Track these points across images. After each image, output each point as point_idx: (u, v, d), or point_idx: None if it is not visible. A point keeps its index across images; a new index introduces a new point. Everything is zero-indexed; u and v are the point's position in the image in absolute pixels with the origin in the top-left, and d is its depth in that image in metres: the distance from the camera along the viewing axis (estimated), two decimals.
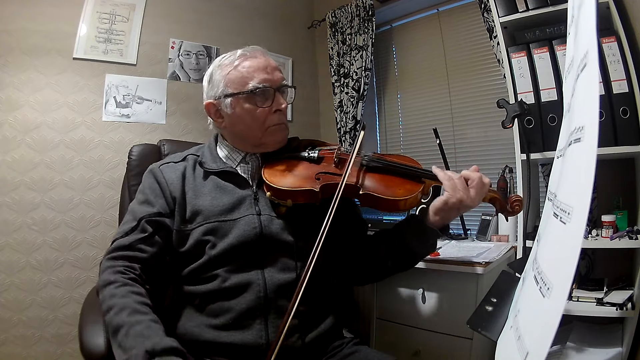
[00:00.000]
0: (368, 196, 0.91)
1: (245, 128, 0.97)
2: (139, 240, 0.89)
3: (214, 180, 0.96)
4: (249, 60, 0.96)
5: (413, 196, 0.91)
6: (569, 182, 0.56)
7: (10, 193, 1.64)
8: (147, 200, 0.94)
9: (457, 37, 2.07)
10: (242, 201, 0.94)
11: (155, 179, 0.97)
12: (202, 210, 0.92)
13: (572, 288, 1.23)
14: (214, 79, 0.98)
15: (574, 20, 0.71)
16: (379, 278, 1.10)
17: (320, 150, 1.01)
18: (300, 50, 2.51)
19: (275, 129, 0.98)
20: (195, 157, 1.01)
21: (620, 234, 1.16)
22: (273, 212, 0.94)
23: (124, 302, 0.78)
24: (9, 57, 1.64)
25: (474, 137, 2.01)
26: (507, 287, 0.92)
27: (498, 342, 0.78)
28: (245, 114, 0.95)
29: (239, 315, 0.85)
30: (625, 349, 1.05)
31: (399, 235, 0.97)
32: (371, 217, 1.81)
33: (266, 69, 0.96)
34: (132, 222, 0.91)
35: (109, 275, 0.83)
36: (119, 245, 0.88)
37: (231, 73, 0.95)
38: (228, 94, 0.95)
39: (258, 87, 0.93)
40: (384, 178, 0.95)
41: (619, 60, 1.15)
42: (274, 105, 0.95)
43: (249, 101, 0.94)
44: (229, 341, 0.84)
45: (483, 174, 0.91)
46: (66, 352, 1.68)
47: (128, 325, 0.74)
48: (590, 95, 0.50)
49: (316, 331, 0.90)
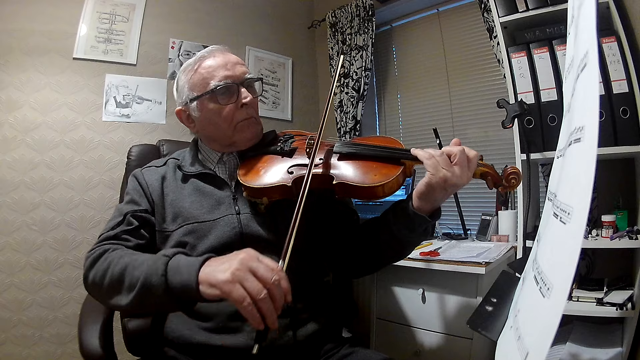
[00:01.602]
0: (342, 185, 0.84)
1: (215, 129, 0.96)
2: (125, 231, 0.89)
3: (193, 183, 0.96)
4: (208, 60, 0.95)
5: (392, 180, 0.82)
6: (569, 182, 0.56)
7: (10, 193, 1.64)
8: (133, 200, 0.95)
9: (457, 37, 2.08)
10: (221, 202, 0.93)
11: (137, 181, 0.98)
12: (182, 212, 0.92)
13: (572, 288, 1.23)
14: (179, 85, 0.98)
15: (574, 20, 0.71)
16: (375, 269, 1.06)
17: (294, 142, 0.98)
18: (300, 50, 2.51)
19: (244, 125, 0.96)
20: (175, 161, 1.01)
21: (620, 234, 1.16)
22: (253, 211, 0.93)
23: (120, 254, 0.79)
24: (9, 57, 1.64)
25: (474, 137, 2.01)
26: (507, 287, 0.92)
27: (498, 342, 0.78)
28: (212, 115, 0.94)
29: (227, 318, 0.84)
30: (625, 349, 1.05)
31: (385, 225, 0.91)
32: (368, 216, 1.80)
33: (226, 66, 0.94)
34: (117, 217, 0.92)
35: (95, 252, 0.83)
36: (104, 237, 0.88)
37: (193, 77, 0.95)
38: (193, 98, 0.95)
39: (219, 85, 0.92)
40: (358, 164, 0.87)
41: (619, 60, 1.15)
42: (238, 100, 0.94)
43: (213, 100, 0.93)
44: (220, 344, 0.84)
45: (468, 147, 0.82)
46: (66, 352, 1.68)
47: (132, 261, 0.76)
48: (590, 95, 0.50)
49: (308, 329, 0.89)
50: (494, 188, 0.86)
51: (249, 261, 0.66)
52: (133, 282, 0.73)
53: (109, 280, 0.77)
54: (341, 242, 1.00)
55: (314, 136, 0.94)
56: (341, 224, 1.02)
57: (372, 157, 0.87)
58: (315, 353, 0.91)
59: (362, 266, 1.02)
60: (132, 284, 0.73)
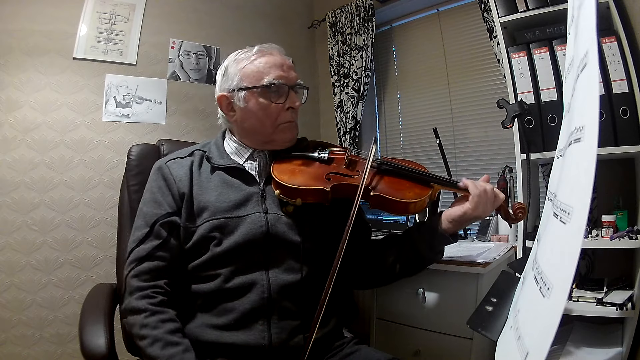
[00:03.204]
0: (378, 198, 0.91)
1: (257, 123, 0.96)
2: (156, 247, 0.88)
3: (220, 176, 0.95)
4: (266, 57, 0.97)
5: (422, 199, 0.92)
6: (569, 182, 0.56)
7: (10, 193, 1.64)
8: (155, 200, 0.93)
9: (457, 37, 2.07)
10: (248, 198, 0.93)
11: (162, 176, 0.96)
12: (208, 206, 0.91)
13: (572, 288, 1.23)
14: (228, 72, 0.98)
15: (574, 20, 0.71)
16: (384, 283, 1.09)
17: (330, 152, 1.01)
18: (300, 50, 2.51)
19: (286, 127, 0.97)
20: (202, 153, 1.00)
21: (620, 234, 1.16)
22: (280, 211, 0.93)
23: (156, 334, 0.81)
24: (9, 57, 1.64)
25: (474, 137, 2.00)
26: (507, 287, 0.92)
27: (498, 342, 0.78)
28: (258, 109, 0.95)
29: (241, 315, 0.85)
30: (625, 349, 1.05)
31: (409, 241, 0.97)
32: (370, 217, 1.81)
33: (282, 67, 0.96)
34: (144, 227, 0.90)
35: (137, 302, 0.84)
36: (137, 256, 0.87)
37: (247, 67, 0.95)
38: (242, 88, 0.95)
39: (273, 82, 0.93)
40: (394, 181, 0.96)
41: (619, 60, 1.15)
42: (287, 102, 0.95)
43: (263, 96, 0.94)
44: (231, 342, 0.84)
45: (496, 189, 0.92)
46: (66, 352, 1.68)
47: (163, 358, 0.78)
48: (590, 95, 0.50)
49: (320, 332, 0.90)
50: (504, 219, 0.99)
51: None
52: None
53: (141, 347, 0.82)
54: (358, 253, 1.01)
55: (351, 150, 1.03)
56: (360, 236, 1.04)
57: (406, 176, 0.97)
58: (322, 352, 0.92)
59: (376, 279, 1.05)
60: None
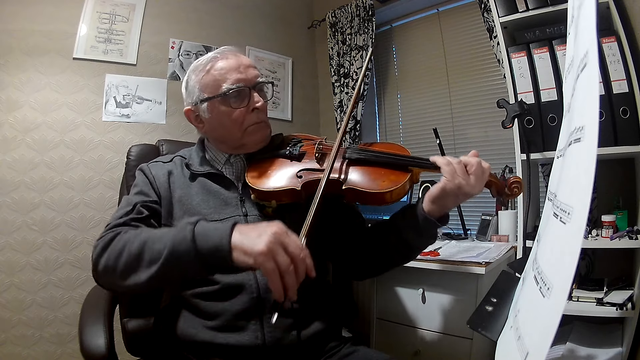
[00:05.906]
0: (351, 190, 0.87)
1: (224, 131, 0.96)
2: (134, 219, 0.87)
3: (201, 182, 0.96)
4: (221, 62, 0.94)
5: (399, 187, 0.85)
6: (569, 182, 0.56)
7: (10, 193, 1.64)
8: (141, 191, 0.95)
9: (457, 37, 2.07)
10: (228, 203, 0.94)
11: (144, 175, 0.98)
12: (190, 209, 0.92)
13: (572, 288, 1.23)
14: (189, 85, 0.98)
15: (574, 20, 0.71)
16: (379, 272, 1.07)
17: (302, 146, 0.99)
18: (300, 50, 2.51)
19: (254, 129, 0.96)
20: (182, 159, 1.01)
21: (620, 234, 1.16)
22: (260, 213, 0.93)
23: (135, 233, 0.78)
24: (9, 57, 1.64)
25: (474, 137, 2.01)
26: (507, 287, 0.92)
27: (498, 342, 0.78)
28: (223, 117, 0.94)
29: (233, 316, 0.85)
30: (625, 349, 1.05)
31: (394, 228, 0.93)
32: (370, 217, 1.81)
33: (239, 69, 0.94)
34: (126, 207, 0.90)
35: (106, 237, 0.80)
36: (113, 224, 0.86)
37: (204, 77, 0.94)
38: (204, 99, 0.94)
39: (232, 88, 0.92)
40: (367, 170, 0.90)
41: (619, 60, 1.15)
42: (250, 104, 0.94)
43: (225, 103, 0.93)
44: (225, 342, 0.84)
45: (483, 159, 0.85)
46: (66, 352, 1.68)
47: (151, 236, 0.75)
48: (590, 95, 0.50)
49: (312, 329, 0.90)
50: (497, 196, 0.91)
51: (281, 235, 0.68)
52: (154, 255, 0.73)
53: (126, 259, 0.76)
54: (347, 243, 1.00)
55: (323, 141, 0.97)
56: (347, 226, 1.03)
57: (380, 163, 0.90)
58: (318, 352, 0.92)
59: (368, 268, 1.03)
60: (154, 257, 0.73)
